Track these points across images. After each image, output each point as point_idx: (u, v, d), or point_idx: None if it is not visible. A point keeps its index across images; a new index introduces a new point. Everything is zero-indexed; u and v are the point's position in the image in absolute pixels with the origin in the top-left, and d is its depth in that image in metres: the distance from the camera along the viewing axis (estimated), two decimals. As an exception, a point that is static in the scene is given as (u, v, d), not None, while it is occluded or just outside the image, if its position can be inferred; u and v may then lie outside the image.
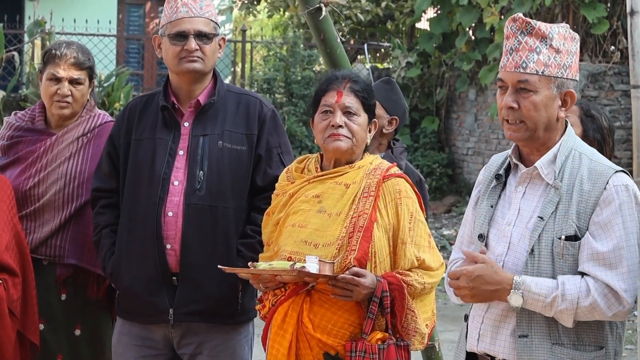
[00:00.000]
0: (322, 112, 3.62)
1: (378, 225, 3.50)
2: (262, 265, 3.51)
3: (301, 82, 14.83)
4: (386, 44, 17.64)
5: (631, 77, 3.53)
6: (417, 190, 3.67)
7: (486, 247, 3.08)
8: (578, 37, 3.09)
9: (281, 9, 18.19)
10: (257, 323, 3.98)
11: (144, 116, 4.02)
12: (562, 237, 2.95)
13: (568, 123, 3.12)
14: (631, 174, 3.11)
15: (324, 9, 4.35)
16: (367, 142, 3.66)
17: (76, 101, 4.27)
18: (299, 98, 14.69)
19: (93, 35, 15.92)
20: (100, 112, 4.40)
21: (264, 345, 3.63)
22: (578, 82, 3.08)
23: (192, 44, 3.89)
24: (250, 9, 19.02)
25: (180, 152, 3.92)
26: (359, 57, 17.46)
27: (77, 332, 4.23)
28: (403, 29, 17.39)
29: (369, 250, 3.47)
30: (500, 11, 13.81)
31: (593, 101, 12.41)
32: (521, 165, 3.11)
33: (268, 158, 3.95)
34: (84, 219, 4.18)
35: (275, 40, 16.83)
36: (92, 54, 4.41)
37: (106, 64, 14.95)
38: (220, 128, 3.93)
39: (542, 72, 2.99)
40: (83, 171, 4.23)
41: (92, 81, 4.35)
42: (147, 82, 18.00)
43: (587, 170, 2.99)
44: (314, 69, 15.25)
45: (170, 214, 3.86)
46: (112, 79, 11.95)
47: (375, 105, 3.71)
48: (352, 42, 17.58)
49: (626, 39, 8.20)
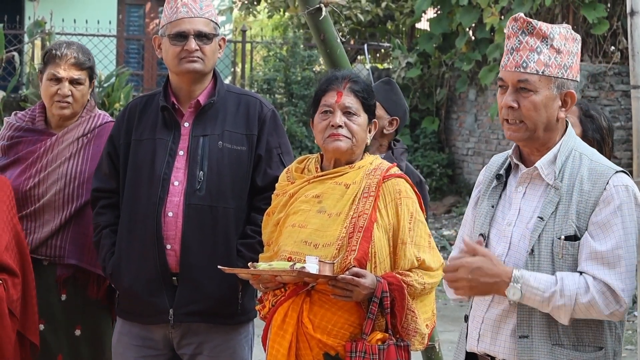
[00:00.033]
0: (322, 112, 3.62)
1: (378, 226, 3.50)
2: (262, 266, 3.50)
3: (301, 83, 14.82)
4: (386, 45, 17.64)
5: (631, 77, 3.52)
6: (417, 191, 3.67)
7: (487, 247, 3.08)
8: (579, 38, 3.09)
9: (281, 10, 18.19)
10: (257, 323, 3.98)
11: (144, 116, 4.02)
12: (562, 237, 2.95)
13: (569, 123, 3.11)
14: (631, 174, 3.11)
15: (324, 9, 4.35)
16: (367, 142, 3.66)
17: (76, 101, 4.27)
18: (299, 98, 14.69)
19: (93, 35, 15.92)
20: (101, 112, 4.40)
21: (264, 346, 3.63)
22: (578, 83, 3.08)
23: (192, 44, 3.89)
24: (250, 10, 19.02)
25: (180, 153, 3.92)
26: (359, 57, 17.45)
27: (77, 332, 4.23)
28: (403, 29, 17.38)
29: (369, 251, 3.47)
30: (500, 11, 13.80)
31: (593, 101, 12.41)
32: (522, 166, 3.10)
33: (268, 158, 3.95)
34: (84, 220, 4.18)
35: (275, 41, 16.83)
36: (92, 54, 4.41)
37: (106, 65, 14.95)
38: (220, 128, 3.93)
39: (543, 72, 2.99)
40: (83, 171, 4.23)
41: (93, 81, 4.35)
42: (147, 83, 18.00)
43: (588, 171, 2.99)
44: (314, 69, 15.24)
45: (170, 214, 3.86)
46: (112, 80, 11.95)
47: (375, 106, 3.71)
48: (352, 42, 17.58)
49: (626, 39, 8.19)
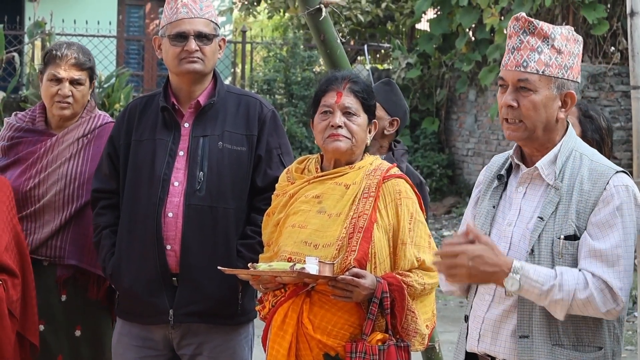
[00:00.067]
0: (322, 113, 3.62)
1: (378, 226, 3.50)
2: (262, 267, 3.50)
3: (301, 83, 14.83)
4: (386, 45, 17.65)
5: (631, 78, 3.52)
6: (417, 192, 3.67)
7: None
8: (581, 39, 3.08)
9: (281, 10, 18.19)
10: (257, 324, 3.97)
11: (144, 117, 4.01)
12: (562, 236, 2.95)
13: (569, 124, 3.11)
14: (631, 174, 3.11)
15: (324, 9, 4.35)
16: (367, 142, 3.66)
17: (77, 102, 4.27)
18: (299, 99, 14.69)
19: (93, 36, 15.92)
20: (101, 113, 4.40)
21: (264, 346, 3.63)
22: (579, 84, 3.08)
23: (192, 44, 3.89)
24: (250, 10, 19.02)
25: (181, 153, 3.92)
26: (359, 58, 17.46)
27: (78, 332, 4.23)
28: (403, 29, 17.39)
29: (368, 251, 3.47)
30: (500, 12, 13.81)
31: (593, 102, 12.41)
32: (522, 166, 3.10)
33: (268, 159, 3.95)
34: (84, 220, 4.18)
35: (275, 41, 16.84)
36: (93, 55, 4.41)
37: (106, 65, 14.95)
38: (220, 129, 3.93)
39: (543, 72, 2.99)
40: (83, 172, 4.23)
41: (93, 82, 4.35)
42: (147, 83, 18.01)
43: (588, 171, 2.99)
44: (314, 70, 15.24)
45: (170, 214, 3.86)
46: (112, 80, 11.96)
47: (375, 106, 3.71)
48: (352, 43, 17.59)
49: (626, 39, 8.20)
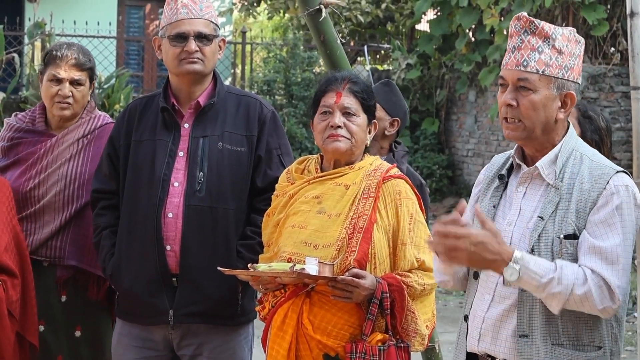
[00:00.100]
0: (322, 113, 3.62)
1: (378, 227, 3.50)
2: (262, 267, 3.50)
3: (301, 84, 14.83)
4: (386, 46, 17.65)
5: (631, 78, 3.52)
6: (417, 193, 3.66)
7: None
8: (583, 40, 3.08)
9: (281, 11, 18.20)
10: (257, 324, 3.97)
11: (144, 118, 4.01)
12: (562, 236, 2.95)
13: (570, 124, 3.11)
14: (631, 175, 3.11)
15: (323, 10, 4.35)
16: (366, 143, 3.66)
17: (77, 102, 4.27)
18: (299, 100, 14.69)
19: (93, 37, 15.92)
20: (101, 113, 4.40)
21: (264, 347, 3.63)
22: (579, 85, 3.07)
23: (192, 45, 3.89)
24: (250, 11, 19.02)
25: (180, 154, 3.92)
26: (359, 58, 17.47)
27: (77, 333, 4.23)
28: (403, 30, 17.39)
29: (368, 252, 3.47)
30: (500, 13, 13.81)
31: (593, 103, 12.41)
32: (523, 165, 3.10)
33: (268, 159, 3.95)
34: (84, 221, 4.18)
35: (275, 42, 16.84)
36: (93, 56, 4.41)
37: (106, 66, 14.96)
38: (220, 129, 3.93)
39: (543, 72, 2.98)
40: (83, 173, 4.23)
41: (93, 82, 4.35)
42: (147, 84, 18.02)
43: (588, 171, 2.99)
44: (314, 70, 15.24)
45: (170, 215, 3.86)
46: (112, 81, 11.96)
47: (375, 106, 3.71)
48: (352, 43, 17.59)
49: (626, 40, 8.20)
